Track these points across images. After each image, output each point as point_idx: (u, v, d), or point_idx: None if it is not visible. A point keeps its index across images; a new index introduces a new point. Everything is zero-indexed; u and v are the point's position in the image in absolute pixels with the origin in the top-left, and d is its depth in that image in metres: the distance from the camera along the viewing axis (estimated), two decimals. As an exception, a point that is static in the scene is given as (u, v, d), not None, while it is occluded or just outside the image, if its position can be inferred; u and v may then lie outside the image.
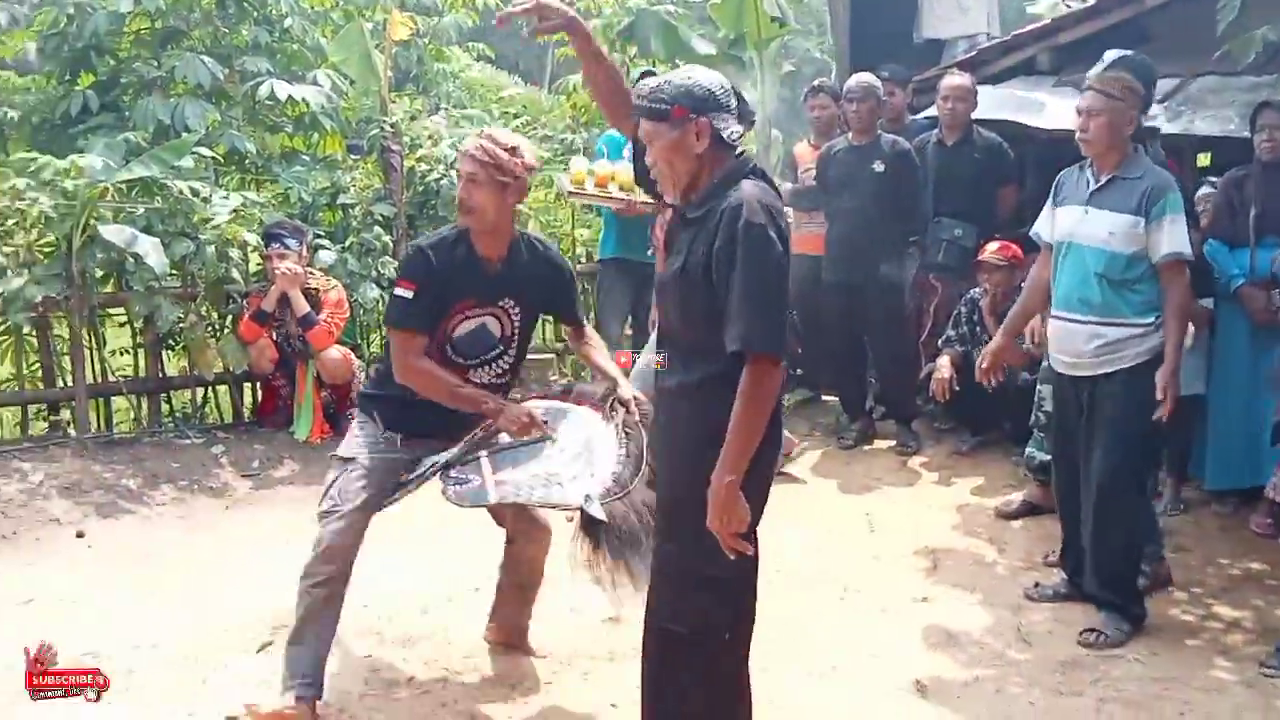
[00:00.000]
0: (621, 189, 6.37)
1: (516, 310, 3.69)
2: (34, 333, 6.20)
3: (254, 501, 5.82)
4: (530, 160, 3.58)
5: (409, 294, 3.53)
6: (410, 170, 7.30)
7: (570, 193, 6.58)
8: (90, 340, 6.38)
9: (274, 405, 6.62)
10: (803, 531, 5.24)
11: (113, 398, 6.56)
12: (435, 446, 3.62)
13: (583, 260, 7.94)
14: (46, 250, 6.07)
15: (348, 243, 6.87)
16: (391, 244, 7.01)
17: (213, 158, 6.70)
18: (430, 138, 7.46)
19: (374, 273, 6.81)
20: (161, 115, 6.94)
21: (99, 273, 6.19)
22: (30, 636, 4.11)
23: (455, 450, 3.56)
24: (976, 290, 6.07)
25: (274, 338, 6.30)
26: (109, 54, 7.67)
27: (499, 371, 3.73)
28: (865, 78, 6.46)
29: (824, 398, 7.30)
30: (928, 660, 4.03)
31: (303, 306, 6.16)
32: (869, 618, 4.40)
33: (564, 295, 3.90)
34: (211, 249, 6.20)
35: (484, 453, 3.55)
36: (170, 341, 6.61)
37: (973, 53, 7.48)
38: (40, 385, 6.34)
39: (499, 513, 3.84)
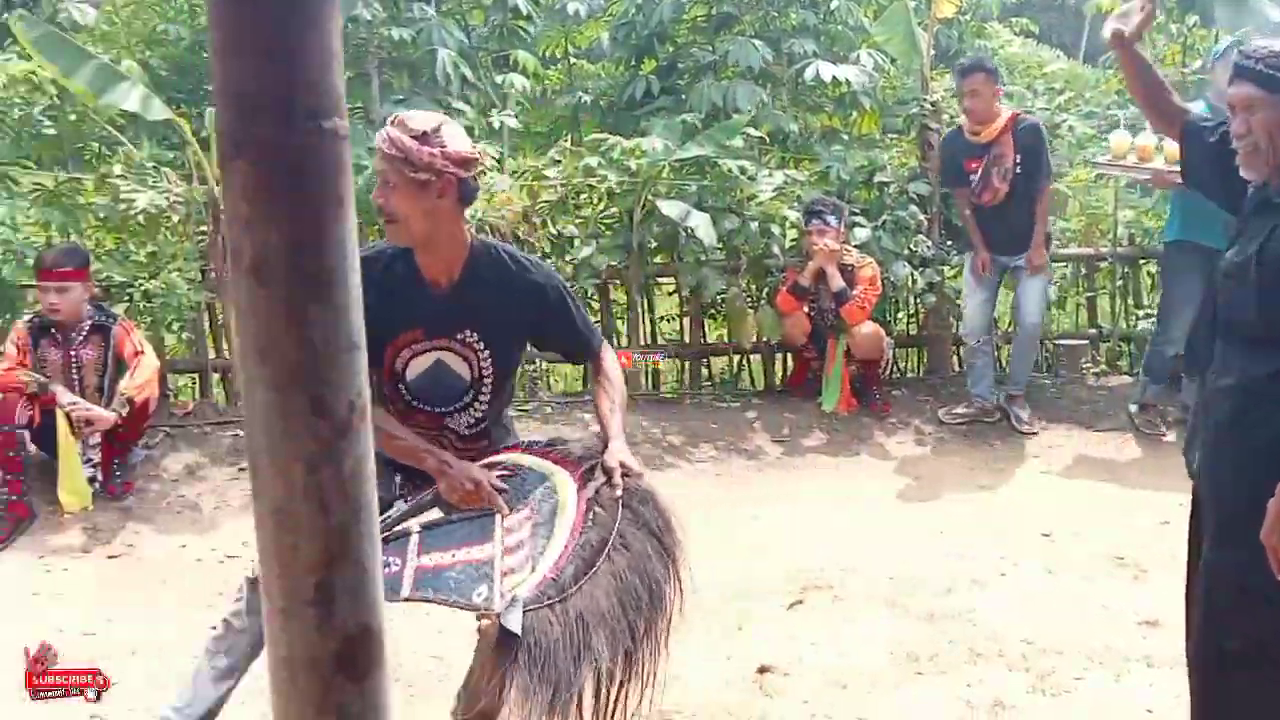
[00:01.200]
0: (1166, 162, 5.97)
1: (482, 345, 2.97)
2: (596, 297, 6.83)
3: (784, 466, 6.08)
4: (455, 147, 2.74)
5: None
6: (947, 148, 7.27)
7: (1101, 163, 6.26)
8: (643, 306, 6.96)
9: (804, 376, 6.86)
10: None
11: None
12: (422, 488, 3.00)
13: (1124, 243, 7.52)
14: (607, 222, 6.67)
15: (882, 220, 6.95)
16: (925, 222, 7.02)
17: (759, 137, 7.05)
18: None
19: (906, 250, 6.87)
20: (714, 97, 7.38)
21: (653, 244, 6.71)
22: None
23: (394, 513, 2.93)
24: None
25: (808, 311, 6.52)
26: (669, 40, 8.29)
27: (473, 420, 3.07)
28: None
29: None
30: None
31: (838, 282, 6.31)
32: None
33: (555, 322, 3.06)
34: (755, 225, 6.54)
35: (417, 525, 2.84)
36: (712, 311, 7.05)
37: None
38: (600, 345, 7.00)
39: None
